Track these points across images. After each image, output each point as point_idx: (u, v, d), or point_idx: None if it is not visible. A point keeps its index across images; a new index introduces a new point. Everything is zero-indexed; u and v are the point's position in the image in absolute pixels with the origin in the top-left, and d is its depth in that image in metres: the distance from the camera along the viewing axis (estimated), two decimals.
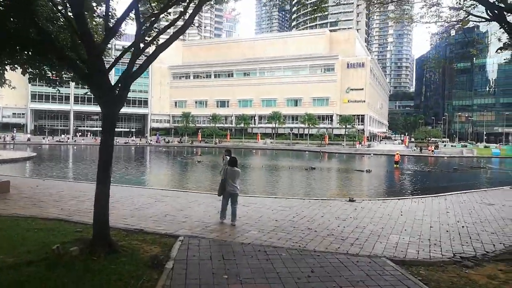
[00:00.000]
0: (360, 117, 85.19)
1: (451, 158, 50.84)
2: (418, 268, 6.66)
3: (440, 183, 23.32)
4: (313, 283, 5.67)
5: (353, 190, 18.77)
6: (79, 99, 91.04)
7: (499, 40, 10.07)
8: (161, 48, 7.72)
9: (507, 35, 8.56)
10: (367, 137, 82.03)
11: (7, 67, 11.25)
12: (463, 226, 9.68)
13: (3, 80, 13.00)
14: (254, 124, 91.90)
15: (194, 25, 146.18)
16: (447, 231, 9.19)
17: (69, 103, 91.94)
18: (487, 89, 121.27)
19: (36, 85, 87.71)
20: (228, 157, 13.63)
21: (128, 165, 34.78)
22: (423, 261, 7.00)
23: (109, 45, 8.41)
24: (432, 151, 60.11)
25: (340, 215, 10.71)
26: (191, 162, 38.61)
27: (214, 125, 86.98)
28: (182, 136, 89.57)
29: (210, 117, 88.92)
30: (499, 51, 10.39)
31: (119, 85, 7.31)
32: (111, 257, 6.54)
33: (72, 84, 74.52)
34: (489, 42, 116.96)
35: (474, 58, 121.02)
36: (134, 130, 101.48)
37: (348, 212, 11.11)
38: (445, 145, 76.14)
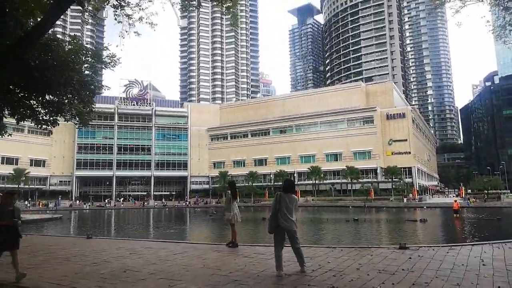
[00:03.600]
0: (407, 169, 78.97)
1: None
2: None
3: None
4: None
5: (405, 239, 14.55)
6: (121, 164, 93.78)
7: None
8: None
9: None
10: (417, 190, 74.95)
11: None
12: None
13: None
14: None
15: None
16: None
17: (112, 168, 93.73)
18: None
19: (81, 152, 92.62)
20: (229, 192, 10.37)
21: (143, 222, 32.37)
22: None
23: None
24: None
25: (386, 267, 7.02)
26: (216, 218, 35.34)
27: (251, 183, 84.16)
28: (221, 196, 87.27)
29: (248, 176, 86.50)
30: None
31: None
32: None
33: (115, 149, 76.65)
34: None
35: None
36: (174, 193, 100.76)
37: (399, 263, 7.36)
38: (507, 196, 69.94)
